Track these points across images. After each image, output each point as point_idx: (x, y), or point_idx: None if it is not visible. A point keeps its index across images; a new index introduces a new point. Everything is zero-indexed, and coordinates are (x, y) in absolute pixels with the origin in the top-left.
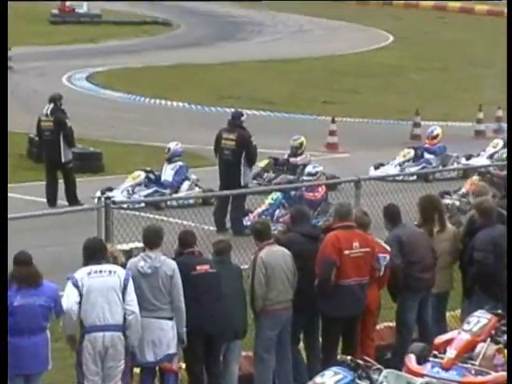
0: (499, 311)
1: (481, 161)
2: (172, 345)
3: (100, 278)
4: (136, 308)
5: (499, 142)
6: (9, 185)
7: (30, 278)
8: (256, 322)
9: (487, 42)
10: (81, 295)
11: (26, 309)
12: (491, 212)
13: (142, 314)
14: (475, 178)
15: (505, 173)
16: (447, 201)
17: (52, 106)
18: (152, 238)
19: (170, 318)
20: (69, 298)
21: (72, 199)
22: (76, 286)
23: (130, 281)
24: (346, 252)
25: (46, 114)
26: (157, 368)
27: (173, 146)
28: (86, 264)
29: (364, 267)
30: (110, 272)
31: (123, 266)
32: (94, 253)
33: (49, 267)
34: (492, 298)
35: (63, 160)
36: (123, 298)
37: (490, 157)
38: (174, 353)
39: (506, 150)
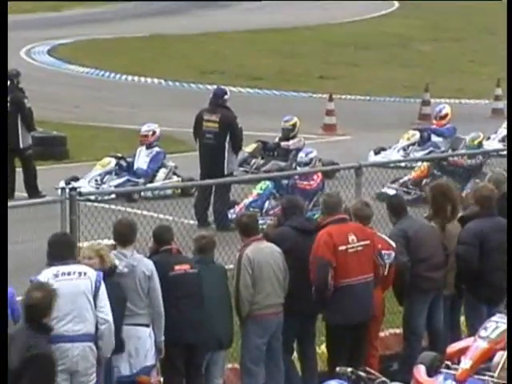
0: None
1: (493, 144)
2: (150, 355)
3: (69, 281)
4: (109, 316)
5: None
6: None
7: None
8: (242, 329)
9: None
10: None
11: None
12: (487, 202)
13: None
14: (425, 164)
15: (467, 162)
16: (387, 190)
17: (8, 84)
18: (125, 234)
19: (147, 325)
20: None
21: (32, 190)
22: None
23: (103, 284)
24: (342, 248)
25: None
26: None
27: (151, 128)
28: (50, 264)
29: (365, 263)
30: (80, 274)
31: (114, 268)
32: (62, 251)
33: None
34: (481, 301)
35: (21, 146)
36: (95, 304)
37: (503, 140)
38: (153, 364)
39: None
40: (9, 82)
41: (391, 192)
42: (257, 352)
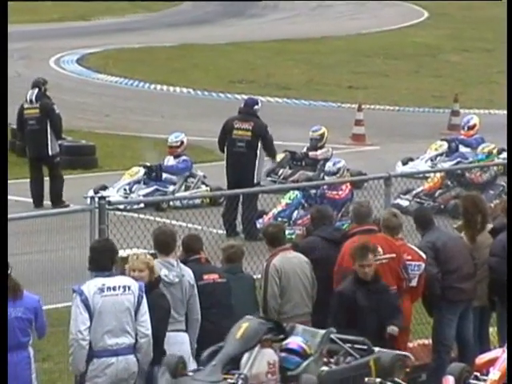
0: None
1: None
2: (192, 360)
3: (114, 297)
4: (149, 330)
5: None
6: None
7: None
8: None
9: None
10: (91, 317)
11: None
12: None
13: None
14: (438, 175)
15: (484, 176)
16: (400, 202)
17: (36, 91)
18: (168, 242)
19: (185, 331)
20: (78, 321)
21: (57, 199)
22: (86, 305)
23: (144, 298)
24: None
25: (31, 101)
26: None
27: (179, 139)
28: (93, 269)
29: (389, 275)
30: (125, 289)
31: (159, 278)
32: (106, 260)
33: (33, 277)
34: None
35: (50, 153)
36: (135, 317)
37: None
38: (195, 368)
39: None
40: (37, 90)
41: (405, 203)
42: None
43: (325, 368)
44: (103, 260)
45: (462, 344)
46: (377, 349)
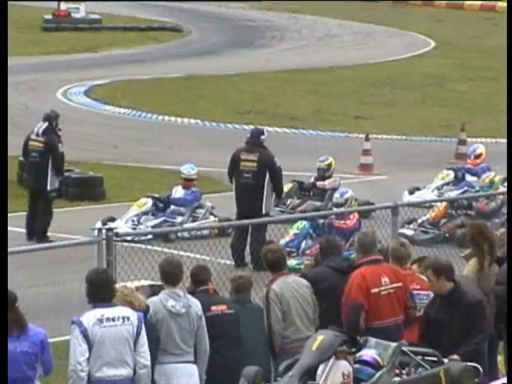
0: None
1: None
2: None
3: (113, 327)
4: (148, 361)
5: None
6: None
7: (11, 325)
8: (274, 364)
9: None
10: (90, 348)
11: None
12: None
13: (168, 359)
14: (442, 204)
15: (491, 205)
16: (405, 231)
17: (46, 125)
18: (175, 274)
19: (194, 362)
20: (76, 352)
21: (42, 235)
22: (85, 336)
23: (143, 328)
24: (375, 290)
25: (37, 134)
26: None
27: (195, 172)
28: (91, 301)
29: (397, 305)
30: (124, 319)
31: (147, 309)
32: (104, 291)
33: (39, 310)
34: None
35: (48, 188)
36: (134, 348)
37: None
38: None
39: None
40: (46, 124)
41: (409, 232)
42: None
43: (397, 379)
44: (101, 290)
45: None
46: (446, 360)
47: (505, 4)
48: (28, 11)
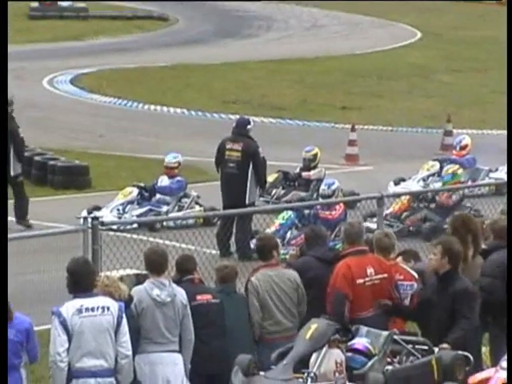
0: None
1: (501, 175)
2: (185, 380)
3: (92, 317)
4: (130, 351)
5: None
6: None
7: None
8: (259, 356)
9: None
10: (70, 338)
11: None
12: (505, 232)
13: (153, 348)
14: (404, 198)
15: (454, 198)
16: (369, 224)
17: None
18: (160, 263)
19: (179, 352)
20: (56, 343)
21: (23, 218)
22: (64, 326)
23: (124, 318)
24: (360, 281)
25: None
26: None
27: (177, 160)
28: (71, 291)
29: (381, 296)
30: (104, 309)
31: (130, 299)
32: (84, 281)
33: (26, 298)
34: (505, 333)
35: (12, 173)
36: (116, 338)
37: None
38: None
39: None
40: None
41: (373, 226)
42: None
43: (389, 367)
44: (81, 281)
45: None
46: (437, 349)
47: None
48: None
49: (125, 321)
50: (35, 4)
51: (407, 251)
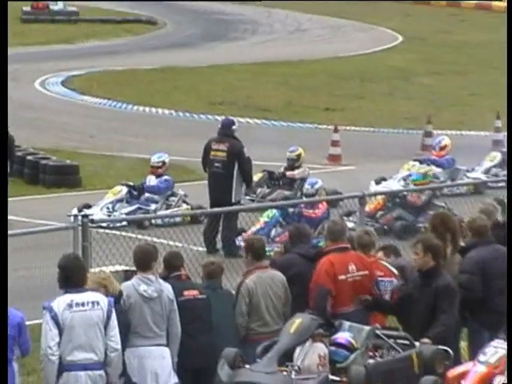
0: None
1: (476, 175)
2: (173, 373)
3: (82, 312)
4: (119, 344)
5: (497, 155)
6: None
7: None
8: (244, 351)
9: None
10: (60, 332)
11: None
12: (483, 231)
13: (141, 342)
14: (380, 197)
15: (422, 198)
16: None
17: None
18: (147, 259)
19: (167, 345)
20: (47, 337)
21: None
22: (55, 321)
23: (114, 312)
24: (342, 277)
25: None
26: None
27: (162, 159)
28: (62, 286)
29: (362, 292)
30: (93, 304)
31: (120, 295)
32: (75, 277)
33: (17, 293)
34: (484, 328)
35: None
36: (105, 332)
37: (486, 172)
38: (176, 382)
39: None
40: None
41: (350, 224)
42: None
43: (371, 361)
44: (71, 276)
45: None
46: (418, 343)
47: (471, 1)
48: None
49: (114, 315)
50: (28, 8)
51: (387, 246)
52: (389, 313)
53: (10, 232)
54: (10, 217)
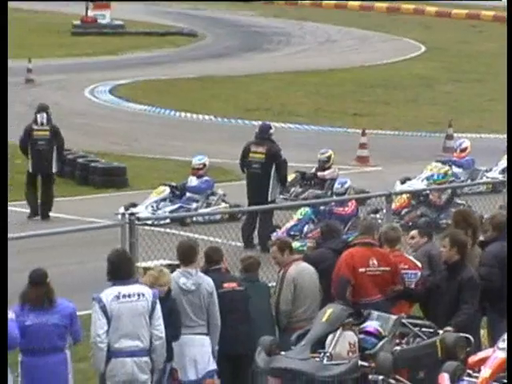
0: None
1: (494, 175)
2: (211, 360)
3: (129, 303)
4: (163, 333)
5: None
6: None
7: (42, 298)
8: (281, 340)
9: None
10: (109, 322)
11: (38, 328)
12: (502, 226)
13: (183, 330)
14: (405, 196)
15: (443, 197)
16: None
17: (45, 115)
18: (189, 254)
19: (207, 334)
20: (96, 326)
21: (48, 213)
22: (104, 311)
23: (158, 303)
24: (362, 270)
25: (41, 123)
26: None
27: (202, 162)
28: (110, 279)
29: (383, 286)
30: (139, 296)
31: (169, 290)
32: (122, 270)
33: (69, 286)
34: (503, 317)
35: (54, 170)
36: (150, 322)
37: (502, 171)
38: (215, 369)
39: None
40: (45, 114)
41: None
42: None
43: (397, 348)
44: (119, 269)
45: None
46: (441, 331)
47: (489, 13)
48: (59, 17)
49: (158, 306)
50: (78, 22)
51: (424, 228)
52: (417, 302)
53: (62, 229)
54: (62, 215)
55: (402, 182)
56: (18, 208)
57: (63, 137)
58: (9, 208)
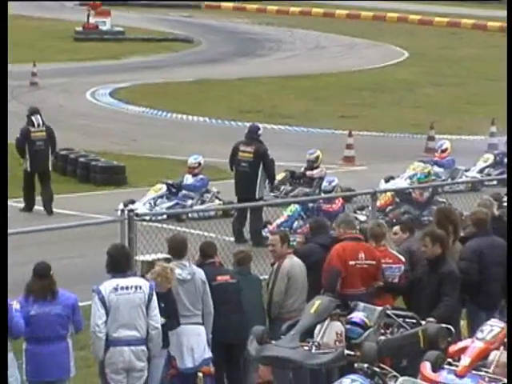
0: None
1: (472, 175)
2: (207, 349)
3: (127, 295)
4: (159, 323)
5: (490, 157)
6: (36, 198)
7: (45, 290)
8: (271, 330)
9: (500, 58)
10: (107, 312)
11: (42, 318)
12: (482, 223)
13: (180, 320)
14: (389, 194)
15: (425, 195)
16: (359, 216)
17: (39, 117)
18: (179, 248)
19: (202, 324)
20: (96, 316)
21: (51, 210)
22: (103, 302)
23: (154, 295)
24: (352, 263)
25: (38, 125)
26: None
27: (198, 161)
28: (109, 271)
29: (369, 279)
30: (136, 288)
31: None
32: (121, 263)
33: (71, 278)
34: (481, 309)
35: (50, 168)
36: (147, 313)
37: (480, 171)
38: (210, 357)
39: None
40: (39, 116)
41: (362, 218)
42: None
43: (382, 337)
44: (118, 262)
45: None
46: (423, 322)
47: (469, 21)
48: (62, 24)
49: (155, 297)
50: (80, 28)
51: (405, 223)
52: (400, 295)
53: (64, 224)
54: (65, 211)
55: (386, 181)
56: (20, 204)
57: (54, 131)
58: (11, 204)
